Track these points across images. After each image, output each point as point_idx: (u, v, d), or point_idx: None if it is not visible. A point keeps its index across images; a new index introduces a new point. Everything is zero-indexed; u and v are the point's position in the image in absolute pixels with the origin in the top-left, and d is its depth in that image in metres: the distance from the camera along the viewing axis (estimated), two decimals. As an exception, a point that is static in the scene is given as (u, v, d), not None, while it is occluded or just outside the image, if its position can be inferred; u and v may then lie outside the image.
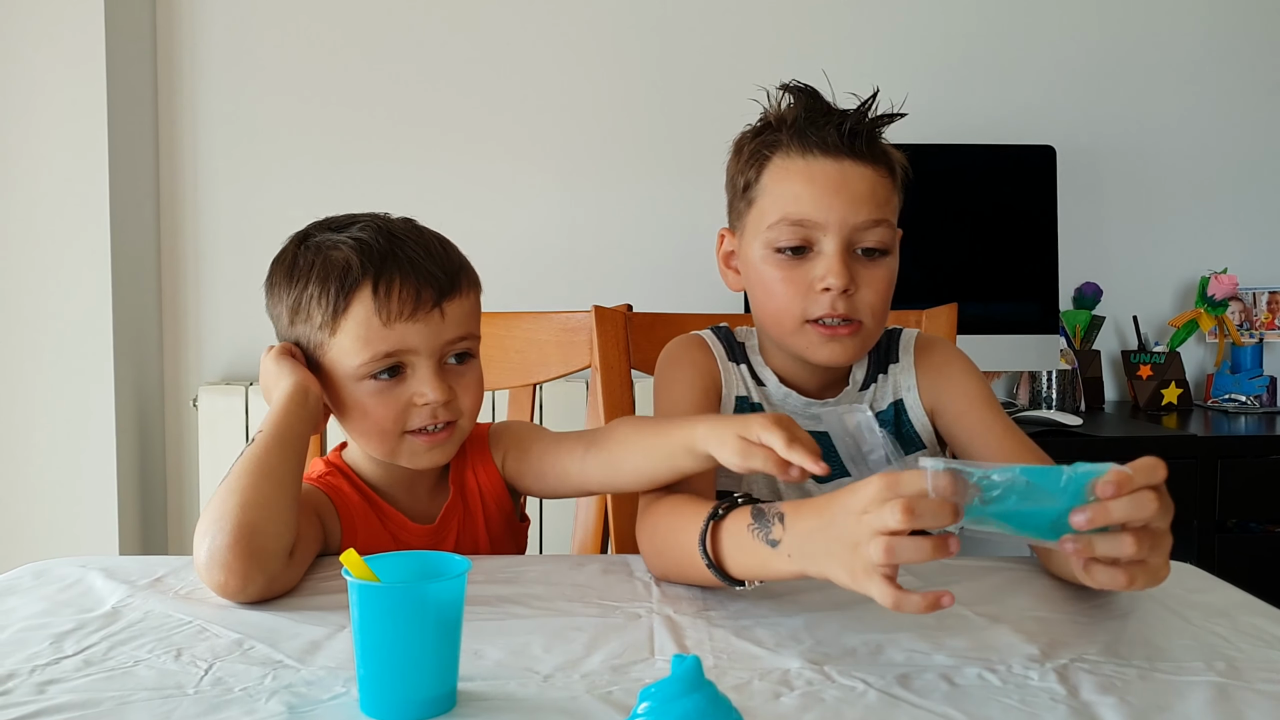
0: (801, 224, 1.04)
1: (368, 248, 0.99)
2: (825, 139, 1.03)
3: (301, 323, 1.01)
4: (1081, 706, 0.66)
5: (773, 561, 0.80)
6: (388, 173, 2.40)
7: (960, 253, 2.30)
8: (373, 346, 0.98)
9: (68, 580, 0.93)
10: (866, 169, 1.04)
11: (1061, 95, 2.51)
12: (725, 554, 0.84)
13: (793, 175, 1.05)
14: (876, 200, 1.04)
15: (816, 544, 0.76)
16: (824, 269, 1.03)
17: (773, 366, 1.15)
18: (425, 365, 1.00)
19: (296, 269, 1.01)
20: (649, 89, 2.45)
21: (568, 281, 2.43)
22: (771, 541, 0.80)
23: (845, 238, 1.03)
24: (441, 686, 0.66)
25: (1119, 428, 2.22)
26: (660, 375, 1.16)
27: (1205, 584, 0.94)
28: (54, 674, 0.71)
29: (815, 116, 1.05)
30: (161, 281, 2.40)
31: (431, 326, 0.99)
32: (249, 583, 0.86)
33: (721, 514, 0.86)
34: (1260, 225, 2.56)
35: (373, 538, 1.04)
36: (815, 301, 1.04)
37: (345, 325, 0.98)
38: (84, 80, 2.16)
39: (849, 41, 2.46)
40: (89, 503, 2.20)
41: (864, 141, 1.04)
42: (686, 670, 0.56)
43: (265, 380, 1.03)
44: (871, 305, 1.05)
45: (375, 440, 1.02)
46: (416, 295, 0.98)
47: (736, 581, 0.85)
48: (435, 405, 1.00)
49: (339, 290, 0.98)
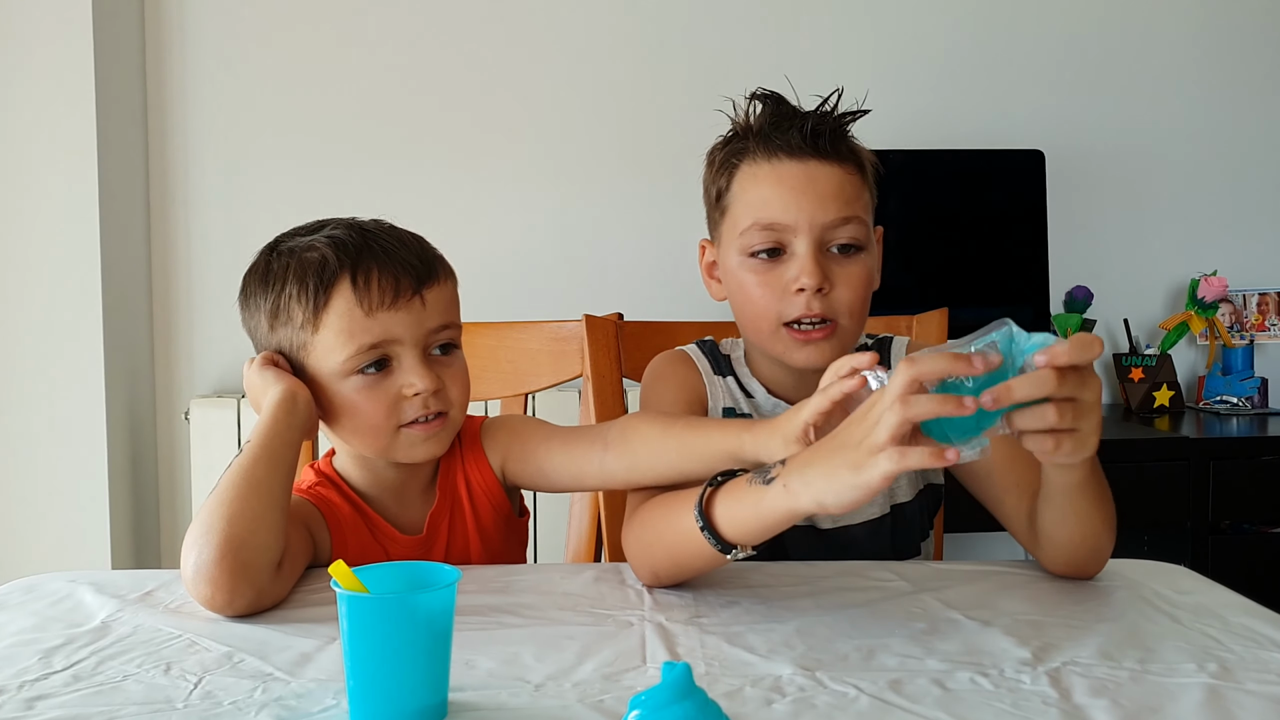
0: (772, 227, 1.05)
1: (342, 243, 0.99)
2: (789, 141, 1.05)
3: (282, 326, 1.01)
4: (1074, 710, 0.66)
5: (766, 499, 0.81)
6: (379, 184, 2.40)
7: (951, 258, 2.30)
8: (357, 339, 0.97)
9: (57, 595, 0.92)
10: (833, 167, 1.05)
11: (1050, 100, 2.52)
12: (719, 514, 0.85)
13: (760, 180, 1.06)
14: (845, 197, 1.05)
15: (817, 467, 0.78)
16: (797, 269, 1.04)
17: (760, 377, 1.16)
18: (411, 355, 0.99)
19: (271, 274, 1.01)
20: (639, 97, 2.45)
21: (558, 291, 2.43)
22: (768, 480, 0.81)
23: (816, 237, 1.04)
24: (432, 697, 0.66)
25: (1111, 430, 2.22)
26: (645, 391, 1.17)
27: (1196, 585, 0.95)
28: (43, 689, 0.71)
29: (780, 120, 1.06)
30: (153, 294, 2.40)
31: (414, 314, 0.99)
32: (236, 596, 0.86)
33: (721, 480, 0.87)
34: (1250, 227, 2.58)
35: (363, 549, 1.03)
36: (791, 303, 1.05)
37: (327, 320, 0.98)
38: (73, 93, 2.16)
39: (838, 48, 2.47)
40: (81, 516, 2.19)
41: (828, 140, 1.05)
42: (676, 678, 0.56)
43: (251, 392, 1.02)
44: (848, 303, 1.05)
45: (369, 438, 1.01)
46: (396, 283, 0.98)
47: (729, 548, 0.85)
48: (426, 394, 0.99)
49: (318, 285, 0.98)
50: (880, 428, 0.73)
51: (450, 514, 1.09)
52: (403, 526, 1.07)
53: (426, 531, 1.07)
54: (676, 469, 0.96)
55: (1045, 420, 0.73)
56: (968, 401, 0.71)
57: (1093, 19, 2.53)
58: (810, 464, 0.79)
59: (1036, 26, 2.52)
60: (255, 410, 1.01)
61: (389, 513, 1.07)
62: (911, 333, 1.40)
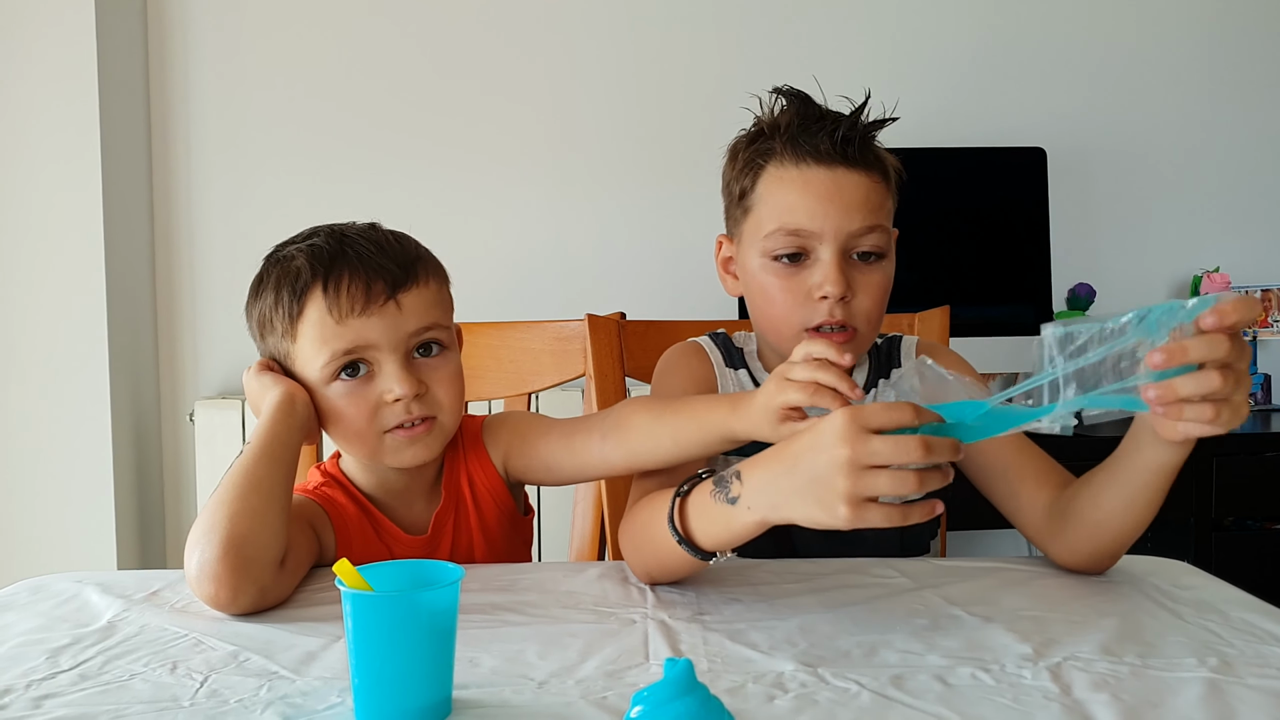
0: (797, 234, 1.04)
1: (319, 251, 1.00)
2: (818, 146, 1.04)
3: (269, 335, 1.02)
4: (1075, 704, 0.67)
5: (735, 519, 0.81)
6: (381, 185, 2.40)
7: (953, 256, 2.30)
8: (329, 345, 0.98)
9: (64, 595, 0.93)
10: (860, 175, 1.05)
11: (1052, 97, 2.52)
12: (693, 527, 0.86)
13: (787, 184, 1.05)
14: (870, 206, 1.05)
15: (779, 490, 0.78)
16: (821, 277, 1.04)
17: (772, 371, 1.15)
18: (390, 360, 0.99)
19: (261, 284, 1.03)
20: (640, 97, 2.46)
21: (560, 290, 2.43)
22: (731, 499, 0.81)
23: (841, 245, 1.04)
24: (436, 694, 0.67)
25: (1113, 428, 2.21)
26: (656, 383, 1.17)
27: (1198, 580, 0.95)
28: (50, 689, 0.71)
29: (808, 123, 1.05)
30: (157, 296, 2.40)
31: (388, 319, 0.99)
32: (240, 593, 0.86)
33: (686, 490, 0.87)
34: (1252, 224, 2.57)
35: (368, 549, 1.04)
36: (814, 309, 1.05)
37: (302, 329, 0.99)
38: (76, 96, 2.17)
39: (839, 46, 2.47)
40: (86, 517, 2.20)
41: (857, 148, 1.05)
42: (679, 674, 0.56)
43: (251, 397, 1.03)
44: (867, 311, 1.06)
45: (356, 443, 1.03)
46: (367, 289, 0.98)
47: (708, 555, 0.86)
48: (406, 400, 0.99)
49: (292, 295, 0.99)
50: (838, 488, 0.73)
51: (455, 513, 1.09)
52: (408, 526, 1.07)
53: (431, 531, 1.07)
54: (673, 454, 0.96)
55: (1209, 386, 0.71)
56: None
57: (1095, 17, 2.53)
58: (773, 485, 0.79)
59: (1039, 24, 2.52)
60: (255, 414, 1.01)
61: (394, 513, 1.07)
62: (914, 330, 1.40)
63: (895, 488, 0.72)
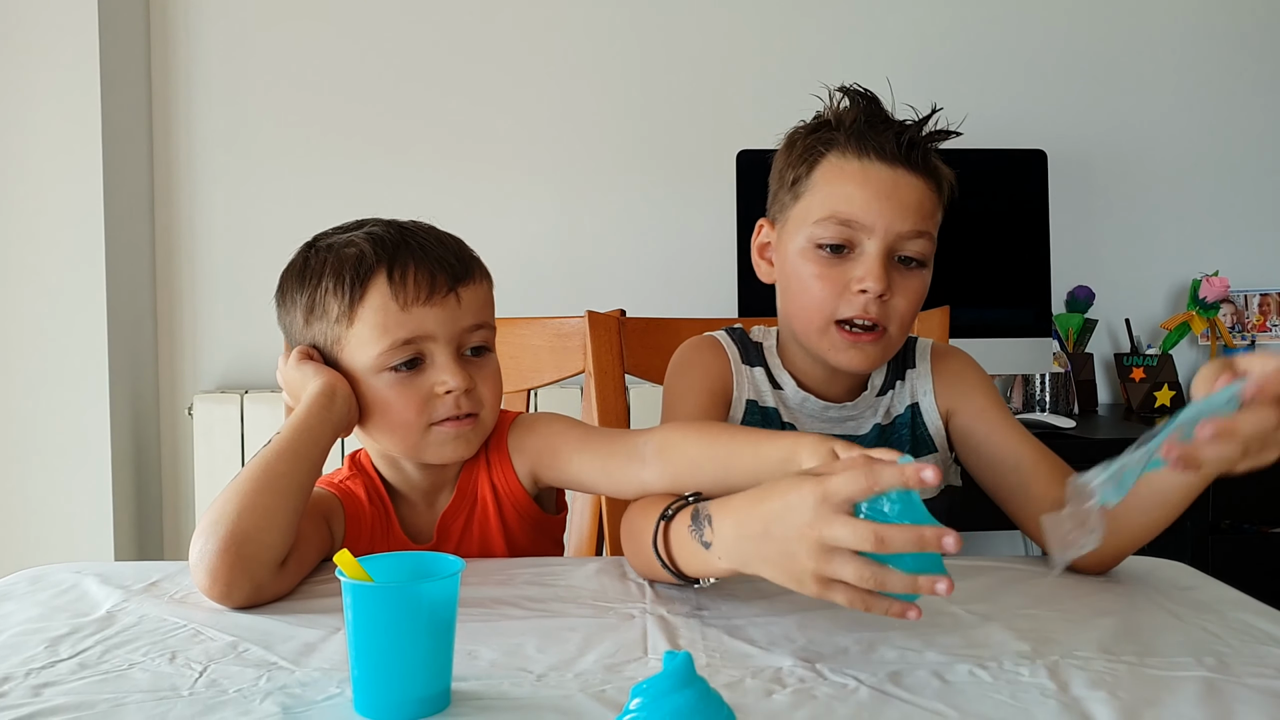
0: (849, 224, 1.05)
1: (380, 239, 1.00)
2: (883, 145, 1.05)
3: (318, 320, 1.01)
4: (1072, 702, 0.67)
5: (709, 562, 0.81)
6: (383, 180, 2.40)
7: (952, 257, 2.29)
8: (391, 333, 0.97)
9: (63, 585, 0.93)
10: (918, 180, 1.06)
11: (1052, 99, 2.52)
12: (675, 554, 0.85)
13: (846, 175, 1.06)
14: (923, 212, 1.06)
15: (751, 552, 0.76)
16: (863, 270, 1.04)
17: (791, 370, 1.15)
18: (444, 353, 0.99)
19: (309, 269, 1.01)
20: (642, 94, 2.46)
21: (561, 287, 2.43)
22: (705, 544, 0.80)
23: (888, 244, 1.05)
24: (435, 686, 0.67)
25: (1112, 430, 2.22)
26: (669, 379, 1.16)
27: (1195, 581, 0.95)
28: (49, 677, 0.71)
29: (875, 122, 1.07)
30: (156, 289, 2.40)
31: (448, 311, 0.99)
32: (233, 589, 0.86)
33: (670, 514, 0.86)
34: (1251, 228, 2.58)
35: (374, 549, 1.03)
36: (849, 302, 1.05)
37: (362, 314, 0.98)
38: (78, 88, 2.16)
39: (840, 47, 2.47)
40: (84, 510, 2.19)
41: (920, 154, 1.06)
42: (678, 666, 0.56)
43: (289, 386, 1.02)
44: (901, 313, 1.06)
45: (399, 436, 1.01)
46: (431, 279, 0.98)
47: (692, 580, 0.86)
48: (458, 393, 0.99)
49: (354, 279, 0.98)
50: (806, 566, 0.71)
51: (466, 517, 1.07)
52: (421, 529, 1.07)
53: (436, 537, 1.07)
54: (721, 482, 0.87)
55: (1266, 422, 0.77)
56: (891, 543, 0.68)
57: (1095, 18, 2.53)
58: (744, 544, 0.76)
59: (1039, 26, 2.52)
60: (294, 403, 1.00)
61: (414, 512, 1.07)
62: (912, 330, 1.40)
63: (859, 578, 0.69)
